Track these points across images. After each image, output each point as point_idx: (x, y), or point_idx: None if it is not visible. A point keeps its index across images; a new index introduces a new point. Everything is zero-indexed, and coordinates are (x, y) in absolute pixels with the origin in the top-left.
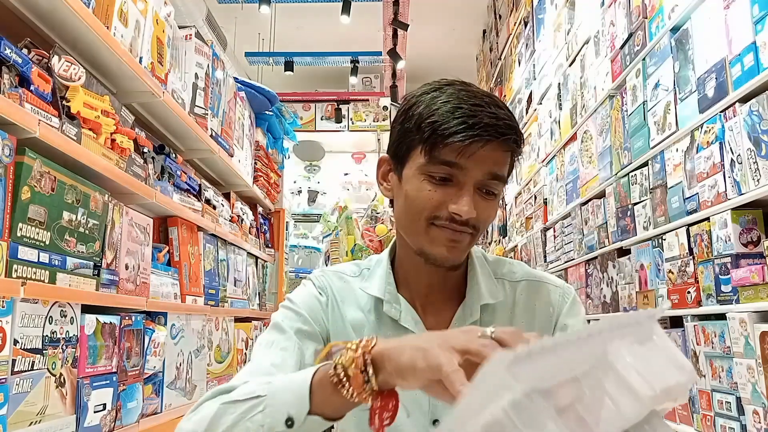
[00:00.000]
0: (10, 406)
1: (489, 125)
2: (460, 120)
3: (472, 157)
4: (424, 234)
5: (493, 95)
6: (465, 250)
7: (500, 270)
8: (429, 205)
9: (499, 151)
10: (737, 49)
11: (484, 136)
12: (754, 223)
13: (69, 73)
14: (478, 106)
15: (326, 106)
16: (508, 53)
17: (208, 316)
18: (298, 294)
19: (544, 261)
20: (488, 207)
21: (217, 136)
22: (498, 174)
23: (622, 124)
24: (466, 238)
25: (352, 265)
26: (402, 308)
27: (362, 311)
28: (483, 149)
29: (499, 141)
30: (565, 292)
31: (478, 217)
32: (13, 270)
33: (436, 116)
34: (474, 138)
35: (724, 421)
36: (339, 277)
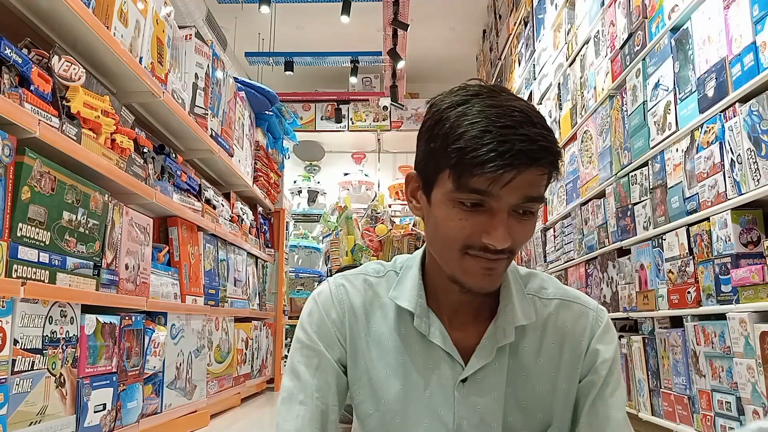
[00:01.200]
0: (10, 406)
1: (522, 152)
2: (489, 148)
3: (500, 182)
4: (456, 263)
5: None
6: (502, 276)
7: (532, 285)
8: (461, 235)
9: (535, 174)
10: (737, 49)
11: (515, 164)
12: (754, 223)
13: (69, 73)
14: (508, 128)
15: (326, 106)
16: (508, 53)
17: (208, 316)
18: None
19: (544, 261)
20: (524, 229)
21: (217, 136)
22: (534, 196)
23: (622, 124)
24: (503, 264)
25: (376, 264)
26: (432, 323)
27: (387, 323)
28: (519, 177)
29: (538, 166)
30: (599, 316)
31: (514, 242)
32: (13, 270)
33: (462, 142)
34: (506, 168)
35: (724, 421)
36: (364, 281)
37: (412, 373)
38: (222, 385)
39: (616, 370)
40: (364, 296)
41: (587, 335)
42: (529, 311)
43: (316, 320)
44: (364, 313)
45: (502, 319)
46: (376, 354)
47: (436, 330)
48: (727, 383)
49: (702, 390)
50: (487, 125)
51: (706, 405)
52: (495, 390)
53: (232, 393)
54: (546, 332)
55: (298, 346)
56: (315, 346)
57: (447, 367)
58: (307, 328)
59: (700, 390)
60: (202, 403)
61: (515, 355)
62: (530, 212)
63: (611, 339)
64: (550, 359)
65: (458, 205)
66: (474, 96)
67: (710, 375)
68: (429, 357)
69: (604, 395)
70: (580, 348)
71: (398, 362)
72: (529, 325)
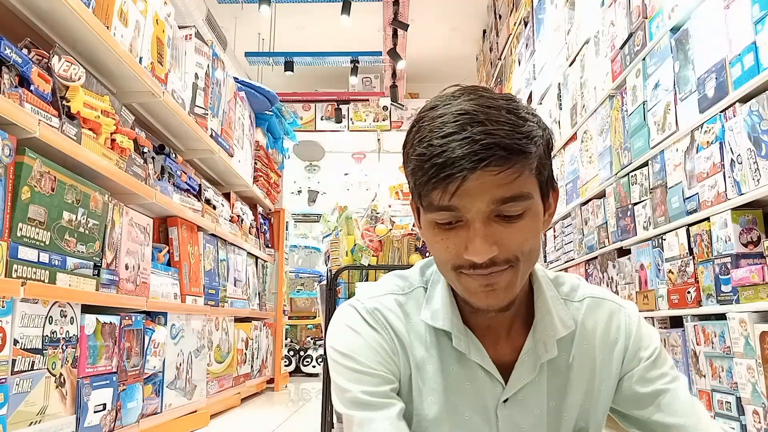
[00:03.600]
0: (10, 406)
1: (461, 157)
2: (431, 163)
3: (463, 194)
4: (457, 284)
5: (479, 106)
6: (511, 289)
7: (563, 289)
8: (446, 257)
9: (496, 173)
10: (737, 49)
11: (455, 174)
12: (754, 223)
13: (69, 73)
14: (449, 136)
15: (326, 106)
16: (508, 53)
17: (208, 316)
18: (356, 347)
19: (544, 261)
20: (515, 232)
21: (217, 136)
22: (509, 196)
23: (622, 124)
24: (504, 276)
25: (399, 279)
26: (470, 342)
27: (423, 345)
28: (470, 182)
29: (486, 167)
30: (629, 312)
31: (505, 249)
32: (13, 270)
33: (413, 164)
34: (449, 178)
35: (724, 421)
36: (395, 302)
37: (452, 395)
38: (222, 385)
39: (663, 356)
40: (401, 320)
41: (623, 335)
42: (567, 320)
43: (365, 349)
44: (408, 337)
45: (540, 332)
46: (417, 378)
47: (474, 349)
48: (727, 383)
49: (702, 390)
50: (430, 139)
51: (706, 405)
52: (538, 407)
53: (232, 393)
54: (579, 335)
55: (357, 376)
56: (376, 372)
57: (488, 387)
58: (358, 357)
59: (700, 390)
60: (202, 403)
61: (553, 366)
62: (517, 214)
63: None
64: (585, 363)
65: (436, 226)
66: (429, 110)
67: (710, 375)
68: (468, 378)
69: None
70: (616, 349)
71: (438, 385)
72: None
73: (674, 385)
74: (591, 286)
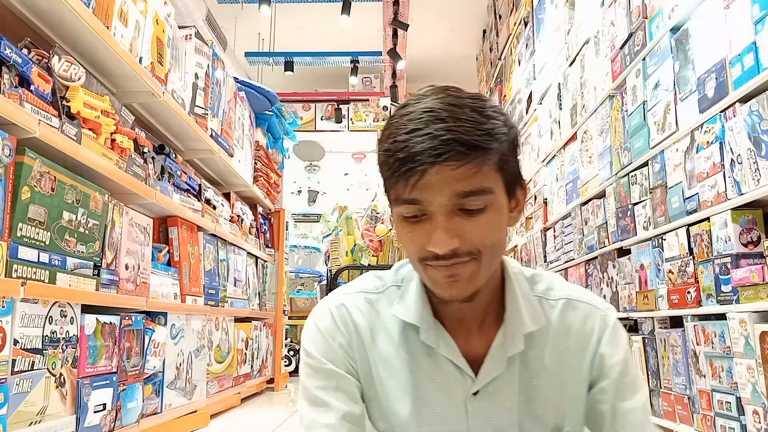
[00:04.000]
0: (10, 406)
1: (422, 152)
2: (395, 158)
3: (423, 188)
4: (424, 275)
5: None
6: (473, 281)
7: (539, 287)
8: (413, 249)
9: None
10: (737, 49)
11: (416, 167)
12: (754, 223)
13: (69, 73)
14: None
15: (326, 106)
16: (508, 53)
17: (208, 316)
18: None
19: (544, 261)
20: (477, 226)
21: (217, 136)
22: (469, 190)
23: (622, 124)
24: (467, 267)
25: (375, 279)
26: (439, 335)
27: (392, 342)
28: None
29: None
30: (606, 316)
31: (467, 242)
32: (13, 270)
33: (381, 159)
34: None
35: (724, 421)
36: (365, 299)
37: (422, 390)
38: (222, 385)
39: (630, 371)
40: (366, 316)
41: (594, 338)
42: (537, 316)
43: (323, 347)
44: (370, 334)
45: (510, 326)
46: (385, 374)
47: (443, 342)
48: (727, 383)
49: (702, 390)
50: (396, 135)
51: (706, 405)
52: (509, 400)
53: (232, 393)
54: (554, 335)
55: (311, 372)
56: (331, 368)
57: (457, 380)
58: (316, 354)
59: (700, 390)
60: (202, 403)
61: (525, 362)
62: (478, 207)
63: (619, 340)
64: (559, 363)
65: (404, 219)
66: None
67: (710, 375)
68: (438, 371)
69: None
70: (587, 350)
71: (407, 380)
72: (537, 329)
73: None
74: (570, 286)
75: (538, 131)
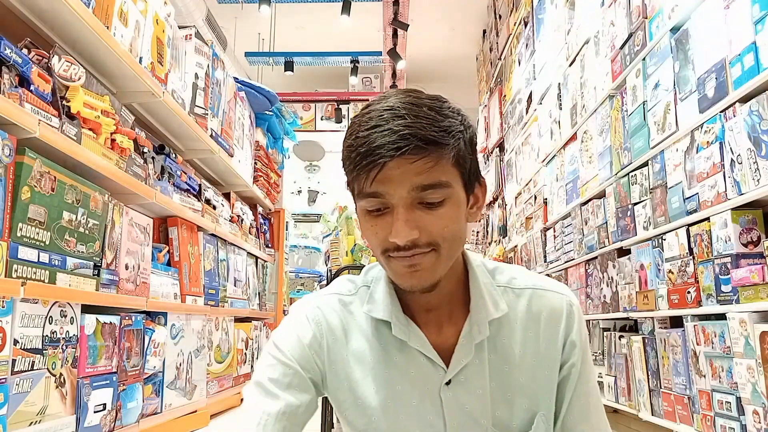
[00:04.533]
0: (10, 406)
1: (381, 146)
2: (356, 152)
3: (384, 181)
4: (387, 267)
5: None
6: (433, 272)
7: (502, 278)
8: (376, 241)
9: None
10: (737, 49)
11: (376, 160)
12: (754, 223)
13: (69, 73)
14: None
15: (326, 106)
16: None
17: (208, 316)
18: (285, 338)
19: (544, 261)
20: (436, 219)
21: (217, 136)
22: (427, 184)
23: (622, 124)
24: (427, 258)
25: (347, 282)
26: (410, 329)
27: (366, 339)
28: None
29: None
30: (572, 302)
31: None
32: (13, 270)
33: (344, 155)
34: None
35: (724, 421)
36: (339, 301)
37: (397, 384)
38: (222, 385)
39: (589, 356)
40: (341, 316)
41: (564, 324)
42: (500, 304)
43: (291, 341)
44: (343, 333)
45: (475, 315)
46: (359, 372)
47: (414, 335)
48: (727, 383)
49: (702, 390)
50: (358, 131)
51: (706, 405)
52: (480, 387)
53: (232, 393)
54: (522, 322)
55: (273, 362)
56: (291, 364)
57: (430, 371)
58: (282, 347)
59: (700, 390)
60: (202, 403)
61: (494, 349)
62: (436, 200)
63: (582, 325)
64: (529, 348)
65: (367, 213)
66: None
67: (710, 375)
68: (410, 365)
69: (583, 380)
70: (557, 336)
71: (382, 376)
72: (504, 317)
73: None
74: (533, 276)
75: (538, 131)
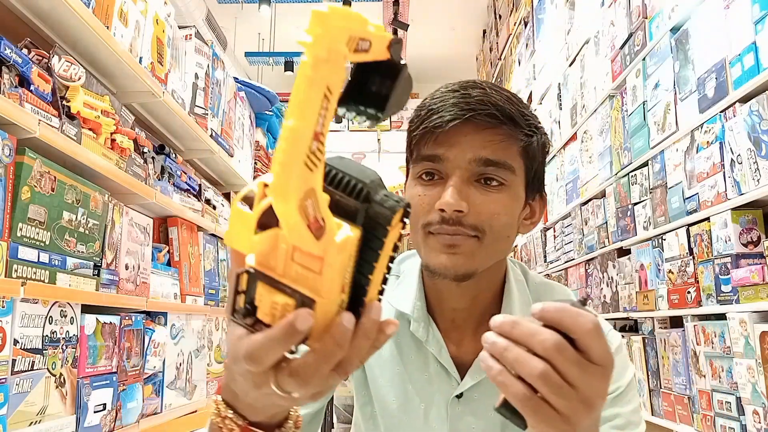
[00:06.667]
0: (10, 406)
1: (455, 104)
2: (426, 110)
3: (450, 144)
4: (423, 244)
5: (489, 84)
6: (471, 258)
7: (543, 299)
8: (421, 210)
9: (485, 132)
10: (737, 49)
11: (445, 117)
12: (754, 223)
13: (69, 73)
14: (454, 91)
15: None
16: (508, 53)
17: (208, 316)
18: None
19: (544, 261)
20: (489, 201)
21: (217, 136)
22: (492, 159)
23: (622, 124)
24: (468, 242)
25: None
26: (430, 330)
27: None
28: (457, 133)
29: (478, 121)
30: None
31: (475, 214)
32: (13, 270)
33: (413, 116)
34: (437, 122)
35: (724, 421)
36: None
37: (408, 383)
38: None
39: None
40: None
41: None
42: None
43: None
44: None
45: None
46: (374, 362)
47: (432, 338)
48: (727, 383)
49: (702, 390)
50: (434, 95)
51: (706, 405)
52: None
53: None
54: None
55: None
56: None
57: (442, 380)
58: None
59: (700, 390)
60: (202, 403)
61: None
62: (495, 182)
63: (621, 363)
64: None
65: (419, 181)
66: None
67: (710, 375)
68: (424, 368)
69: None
70: None
71: (394, 372)
72: None
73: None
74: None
75: None
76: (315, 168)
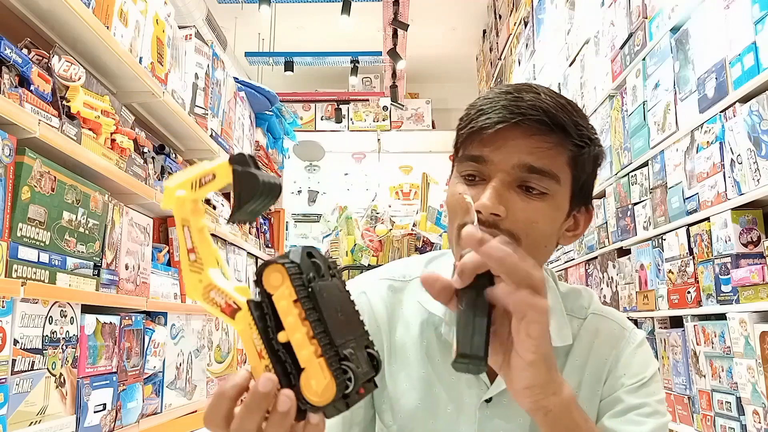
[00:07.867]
0: (10, 406)
1: (506, 107)
2: (476, 110)
3: (496, 146)
4: (456, 244)
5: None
6: None
7: (571, 305)
8: (459, 208)
9: (533, 138)
10: (737, 49)
11: (493, 119)
12: (754, 223)
13: (69, 73)
14: (506, 93)
15: (326, 106)
16: (508, 53)
17: (208, 317)
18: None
19: None
20: (528, 208)
21: (217, 136)
22: (536, 166)
23: (622, 124)
24: None
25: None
26: None
27: (410, 333)
28: (504, 136)
29: (527, 126)
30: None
31: (513, 220)
32: (13, 270)
33: (462, 115)
34: (486, 123)
35: (724, 421)
36: (388, 287)
37: (435, 386)
38: None
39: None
40: (387, 304)
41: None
42: (565, 333)
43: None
44: (387, 322)
45: None
46: (397, 365)
47: None
48: (727, 383)
49: (702, 390)
50: (486, 95)
51: (706, 405)
52: (521, 416)
53: None
54: (574, 351)
55: None
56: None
57: (470, 384)
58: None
59: (700, 390)
60: (202, 403)
61: None
62: (537, 191)
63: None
64: (573, 378)
65: (461, 180)
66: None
67: (710, 375)
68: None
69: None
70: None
71: (419, 375)
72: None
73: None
74: (602, 305)
75: None
76: (201, 271)
